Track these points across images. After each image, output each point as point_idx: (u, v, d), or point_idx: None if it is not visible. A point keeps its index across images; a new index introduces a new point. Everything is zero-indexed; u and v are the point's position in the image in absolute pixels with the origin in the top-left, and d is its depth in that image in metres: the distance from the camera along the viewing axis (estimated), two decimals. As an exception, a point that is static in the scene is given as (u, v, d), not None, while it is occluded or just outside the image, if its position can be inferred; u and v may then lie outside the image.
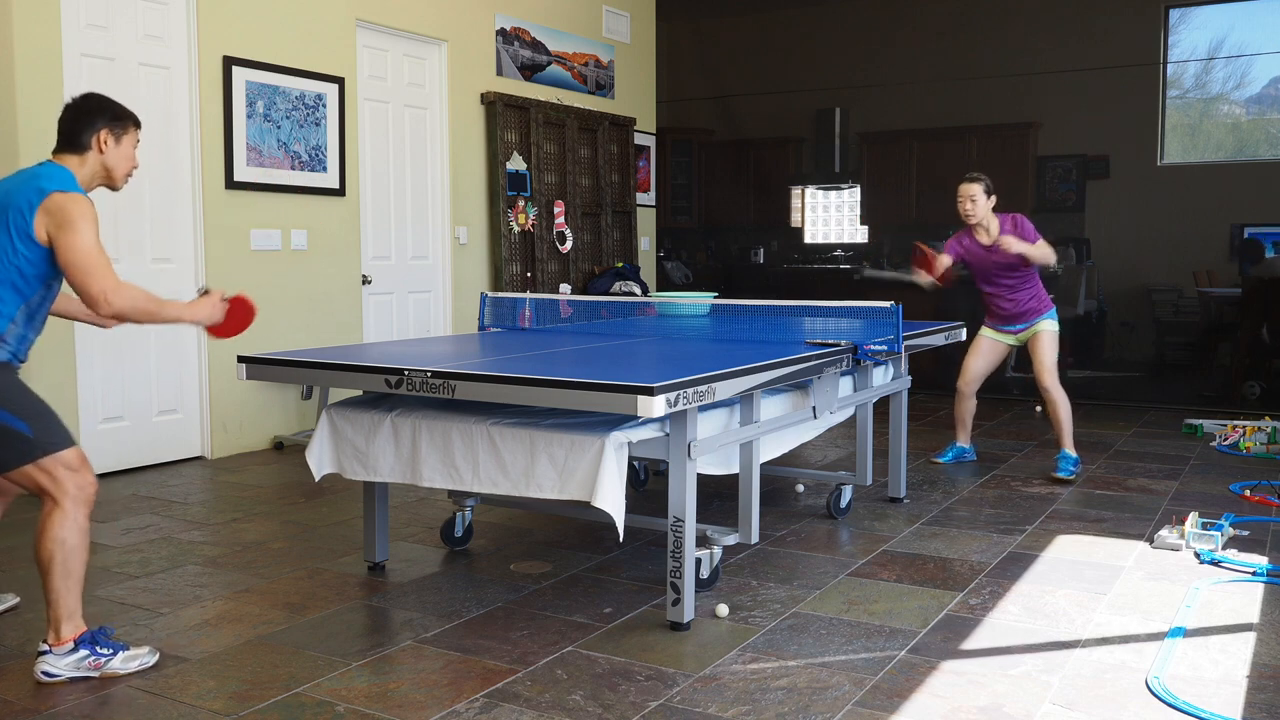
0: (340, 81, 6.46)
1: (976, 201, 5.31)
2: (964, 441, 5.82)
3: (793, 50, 9.39)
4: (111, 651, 2.92)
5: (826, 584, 3.71)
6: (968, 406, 5.72)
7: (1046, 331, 5.37)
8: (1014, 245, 5.19)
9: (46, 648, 2.90)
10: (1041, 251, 5.24)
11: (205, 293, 3.14)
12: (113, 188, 3.14)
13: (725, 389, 3.16)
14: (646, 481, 5.27)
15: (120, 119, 3.08)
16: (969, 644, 3.15)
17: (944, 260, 5.40)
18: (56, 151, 3.06)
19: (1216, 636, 3.20)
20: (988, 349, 5.56)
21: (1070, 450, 5.37)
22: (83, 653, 2.89)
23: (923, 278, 5.40)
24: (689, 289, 9.74)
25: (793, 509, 4.77)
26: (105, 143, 3.04)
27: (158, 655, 3.01)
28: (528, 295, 4.94)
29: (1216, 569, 3.87)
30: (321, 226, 6.40)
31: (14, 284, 2.92)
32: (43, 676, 2.87)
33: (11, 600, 3.48)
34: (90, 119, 3.03)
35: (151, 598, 3.57)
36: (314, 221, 6.35)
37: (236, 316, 3.20)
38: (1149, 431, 6.83)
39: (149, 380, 5.64)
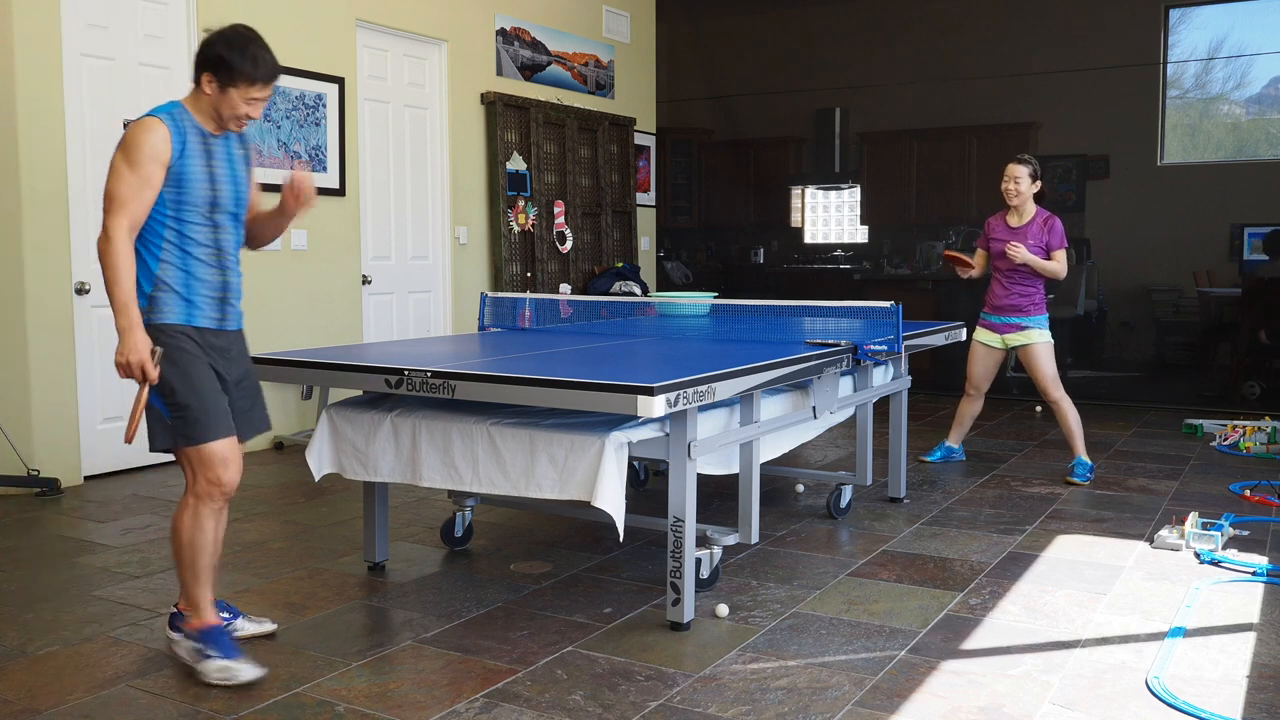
0: (340, 81, 6.46)
1: (1020, 182, 5.32)
2: (954, 441, 5.82)
3: (793, 50, 9.39)
4: (218, 654, 2.85)
5: (826, 584, 3.71)
6: (974, 408, 5.71)
7: (1038, 344, 5.36)
8: (1020, 256, 5.23)
9: (183, 615, 2.95)
10: (1050, 266, 5.26)
11: (154, 352, 2.80)
12: (233, 129, 2.95)
13: (725, 389, 3.16)
14: (646, 481, 5.27)
15: (229, 72, 2.81)
16: (969, 644, 3.15)
17: (978, 260, 5.59)
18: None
19: (1216, 636, 3.20)
20: (984, 355, 5.56)
21: (1084, 456, 5.37)
22: (195, 645, 2.89)
23: (966, 271, 5.55)
24: (689, 289, 9.74)
25: (793, 509, 4.77)
26: (209, 87, 2.84)
27: (259, 673, 2.83)
28: (528, 295, 4.95)
29: (1216, 569, 3.87)
30: (321, 226, 6.40)
31: (148, 227, 2.82)
32: (169, 634, 2.99)
33: (269, 625, 3.24)
34: (201, 59, 2.85)
35: (151, 598, 3.56)
36: (314, 221, 6.35)
37: (136, 409, 2.82)
38: (1149, 431, 6.83)
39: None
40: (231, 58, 2.81)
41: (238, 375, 3.03)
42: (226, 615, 3.13)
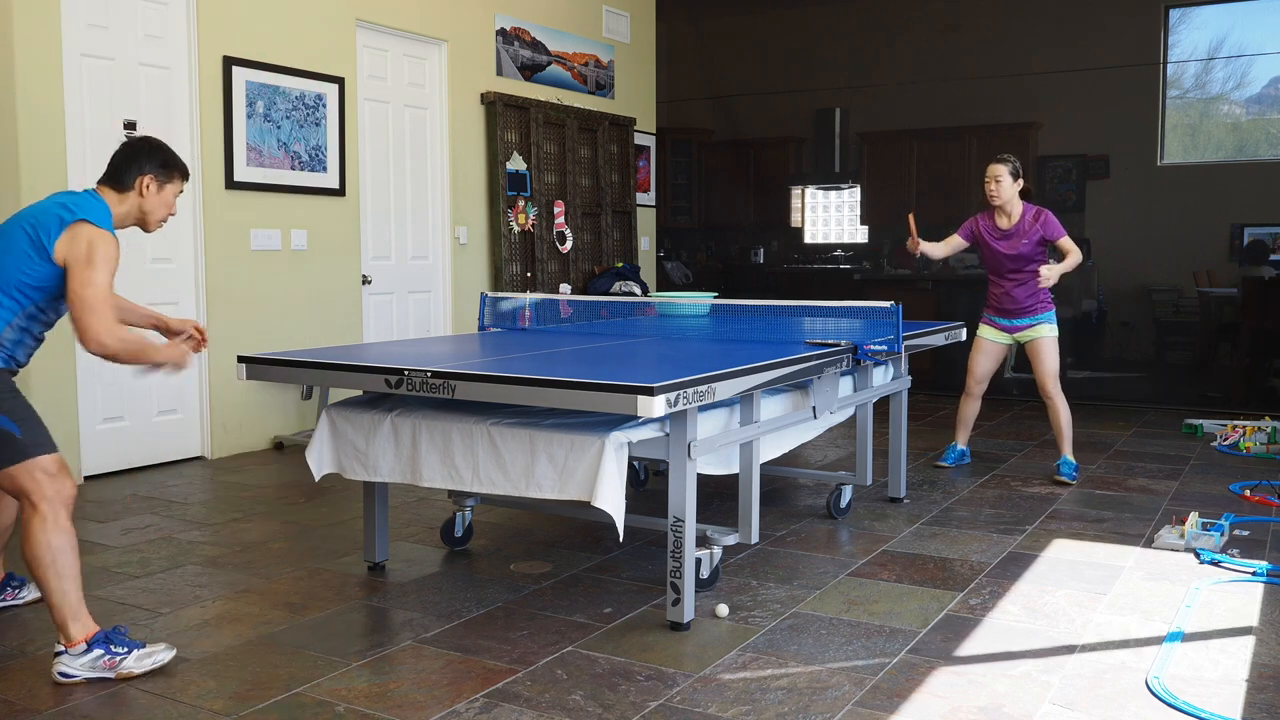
0: (340, 81, 6.46)
1: (1001, 183, 5.26)
2: (963, 443, 5.80)
3: (793, 50, 9.39)
4: (126, 650, 2.91)
5: (826, 584, 3.71)
6: (974, 407, 5.69)
7: (1047, 337, 5.35)
8: (1053, 278, 5.15)
9: (61, 649, 2.89)
10: (1072, 261, 5.22)
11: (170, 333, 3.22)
12: (144, 229, 3.20)
13: (725, 389, 3.16)
14: (646, 481, 5.27)
15: (167, 167, 3.14)
16: (969, 644, 3.15)
17: (941, 246, 5.50)
18: (100, 183, 3.12)
19: (1216, 637, 3.20)
20: (990, 349, 5.54)
21: (1070, 456, 5.37)
22: (97, 652, 2.88)
23: (911, 246, 5.47)
24: (689, 289, 9.73)
25: (793, 509, 4.77)
26: (147, 188, 3.11)
27: (174, 652, 2.99)
28: (528, 295, 4.95)
29: (1216, 569, 3.87)
30: (321, 226, 6.40)
31: (14, 294, 2.97)
32: (59, 678, 2.86)
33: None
34: (138, 162, 3.10)
35: (151, 598, 3.57)
36: (314, 221, 6.35)
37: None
38: (1149, 431, 6.83)
39: (149, 380, 5.64)
40: (167, 157, 3.15)
41: None
42: (15, 584, 3.46)
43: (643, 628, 3.27)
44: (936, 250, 5.51)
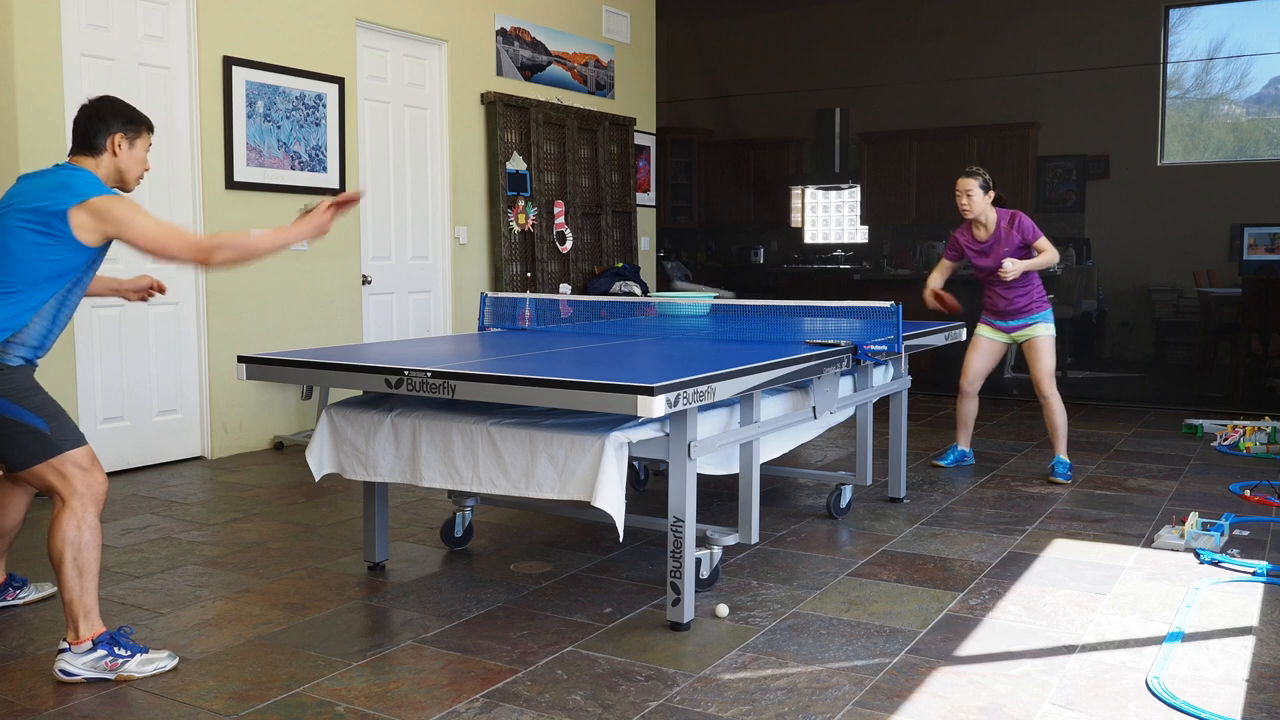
0: (340, 81, 6.46)
1: (972, 197, 5.28)
2: (965, 444, 5.78)
3: (793, 50, 9.39)
4: (129, 654, 2.91)
5: (826, 584, 3.71)
6: (970, 407, 5.70)
7: (1043, 337, 5.36)
8: (1014, 272, 5.19)
9: (66, 646, 2.89)
10: (1043, 259, 5.22)
11: (308, 211, 3.15)
12: (125, 189, 3.18)
13: (725, 389, 3.16)
14: (646, 481, 5.27)
15: (134, 123, 3.13)
16: (969, 644, 3.15)
17: (939, 275, 5.62)
18: (72, 153, 3.10)
19: (1216, 637, 3.20)
20: (986, 347, 5.55)
21: (1064, 456, 5.38)
22: (100, 653, 2.88)
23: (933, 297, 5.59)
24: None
25: (793, 509, 4.77)
26: (119, 146, 3.09)
27: (176, 660, 2.99)
28: (528, 295, 4.95)
29: (1216, 569, 3.87)
30: (321, 226, 6.38)
31: (41, 282, 2.94)
32: (60, 675, 2.87)
33: (48, 589, 3.53)
34: (104, 123, 3.08)
35: (151, 598, 3.57)
36: (314, 221, 6.34)
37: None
38: (1149, 431, 6.83)
39: (149, 380, 5.64)
40: (130, 112, 3.12)
41: None
42: (16, 585, 3.48)
43: (643, 628, 3.27)
44: (936, 280, 5.61)
